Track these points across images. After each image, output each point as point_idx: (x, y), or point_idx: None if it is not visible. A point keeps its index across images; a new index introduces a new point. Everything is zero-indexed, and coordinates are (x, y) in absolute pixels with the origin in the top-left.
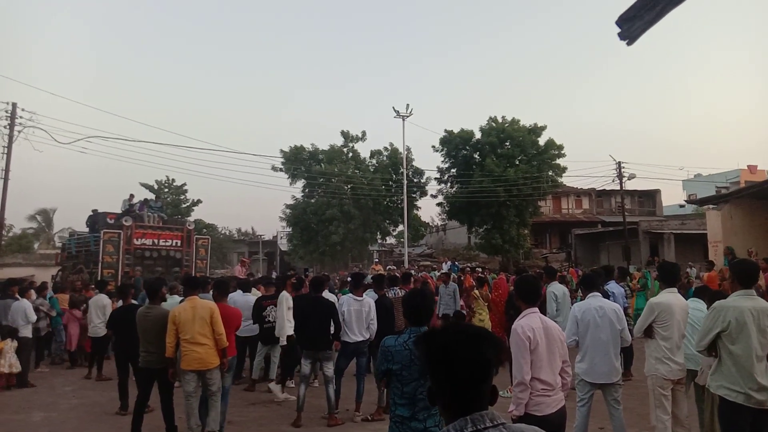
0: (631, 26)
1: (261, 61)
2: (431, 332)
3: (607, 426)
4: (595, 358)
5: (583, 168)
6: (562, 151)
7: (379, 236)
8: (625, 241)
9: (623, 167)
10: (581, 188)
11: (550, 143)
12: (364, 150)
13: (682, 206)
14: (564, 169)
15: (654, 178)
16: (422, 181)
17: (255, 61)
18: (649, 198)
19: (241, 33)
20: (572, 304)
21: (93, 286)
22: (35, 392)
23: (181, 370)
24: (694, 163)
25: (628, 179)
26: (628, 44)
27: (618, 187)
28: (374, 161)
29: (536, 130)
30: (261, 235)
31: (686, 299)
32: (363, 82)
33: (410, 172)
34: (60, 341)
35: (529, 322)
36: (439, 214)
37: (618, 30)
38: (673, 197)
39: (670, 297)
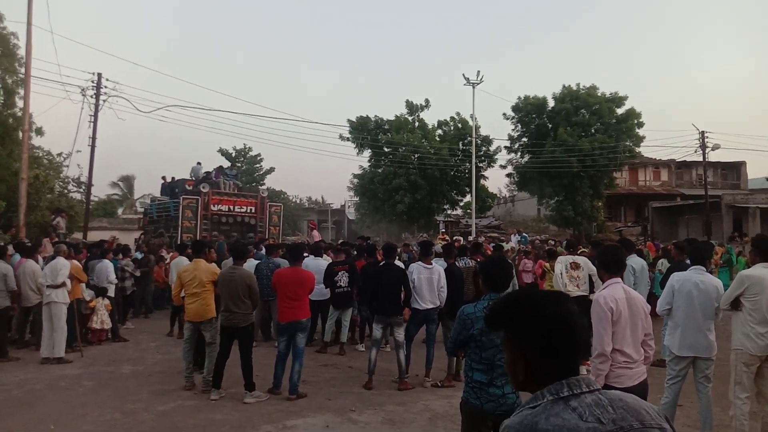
0: None
1: (333, 33)
2: (515, 303)
3: (687, 404)
4: (688, 331)
5: (663, 137)
6: (641, 119)
7: (446, 205)
8: (706, 215)
9: (707, 137)
10: (660, 159)
11: (631, 112)
12: (429, 119)
13: None
14: (642, 139)
15: (739, 148)
16: (490, 150)
17: (328, 32)
18: (733, 170)
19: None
20: (649, 279)
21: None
22: (123, 347)
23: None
24: None
25: (712, 150)
26: None
27: (700, 158)
28: (440, 131)
29: (616, 100)
30: (330, 204)
31: None
32: (433, 50)
33: (479, 141)
34: None
35: (612, 292)
36: (507, 185)
37: None
38: (759, 169)
39: (764, 271)
